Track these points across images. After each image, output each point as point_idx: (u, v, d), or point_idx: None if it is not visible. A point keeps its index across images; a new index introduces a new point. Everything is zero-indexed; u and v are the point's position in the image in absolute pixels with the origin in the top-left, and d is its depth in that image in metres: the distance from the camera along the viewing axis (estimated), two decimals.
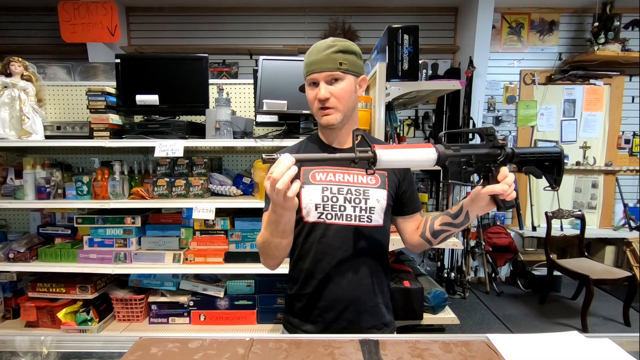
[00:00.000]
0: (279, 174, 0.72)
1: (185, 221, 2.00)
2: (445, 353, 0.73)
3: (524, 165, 0.86)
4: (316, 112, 0.97)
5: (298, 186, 0.74)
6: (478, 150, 0.83)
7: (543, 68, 3.73)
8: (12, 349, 0.78)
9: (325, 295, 0.99)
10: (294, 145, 1.12)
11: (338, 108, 0.95)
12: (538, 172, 0.86)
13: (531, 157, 0.86)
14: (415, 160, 0.77)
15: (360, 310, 1.00)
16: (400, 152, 0.76)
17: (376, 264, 1.03)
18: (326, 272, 0.98)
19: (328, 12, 3.66)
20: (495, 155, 0.83)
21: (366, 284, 1.00)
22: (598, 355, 0.70)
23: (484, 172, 0.85)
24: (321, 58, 0.92)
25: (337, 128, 0.99)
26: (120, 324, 2.03)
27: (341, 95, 0.94)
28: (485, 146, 0.84)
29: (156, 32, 3.72)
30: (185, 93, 1.93)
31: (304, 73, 0.97)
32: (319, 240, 0.99)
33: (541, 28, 3.70)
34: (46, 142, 1.88)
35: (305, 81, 0.98)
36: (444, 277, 3.42)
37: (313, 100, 0.96)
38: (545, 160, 0.85)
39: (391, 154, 0.75)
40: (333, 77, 0.93)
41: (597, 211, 3.83)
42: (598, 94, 3.74)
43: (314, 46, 0.95)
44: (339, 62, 0.92)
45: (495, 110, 3.78)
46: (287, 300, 1.10)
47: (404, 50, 1.82)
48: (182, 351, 0.73)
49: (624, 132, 3.76)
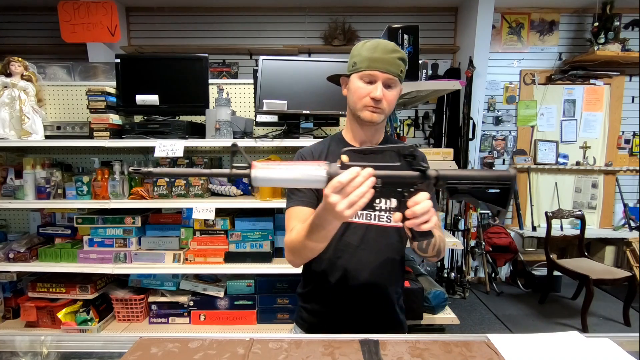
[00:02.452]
0: (359, 189, 0.67)
1: (185, 221, 2.00)
2: (445, 353, 0.73)
3: (455, 193, 0.74)
4: (362, 107, 0.95)
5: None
6: (388, 173, 0.72)
7: (543, 68, 3.73)
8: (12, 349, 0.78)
9: (341, 294, 0.99)
10: (317, 145, 1.09)
11: (385, 111, 0.95)
12: (474, 201, 0.74)
13: (465, 184, 0.73)
14: (298, 180, 0.70)
15: (375, 309, 1.01)
16: (279, 171, 0.68)
17: (393, 264, 1.03)
18: (343, 271, 0.98)
19: (328, 12, 3.66)
20: (410, 178, 0.72)
21: (382, 284, 1.00)
22: (598, 355, 0.70)
23: (394, 197, 0.74)
24: (388, 59, 0.91)
25: (373, 126, 1.00)
26: (120, 324, 2.03)
27: (392, 100, 0.95)
28: (400, 167, 0.73)
29: (156, 32, 3.72)
30: (185, 93, 1.93)
31: (359, 65, 0.94)
32: (338, 238, 0.98)
33: (541, 28, 3.70)
34: (46, 142, 1.88)
35: (358, 74, 0.95)
36: (444, 277, 3.42)
37: (364, 96, 0.94)
38: (490, 187, 0.72)
39: (268, 173, 0.67)
40: (391, 82, 0.93)
41: (597, 211, 3.83)
42: (598, 94, 3.73)
43: (378, 43, 0.94)
44: (400, 69, 0.93)
45: (495, 110, 3.78)
46: (302, 297, 1.09)
47: (404, 50, 1.82)
48: (182, 351, 0.73)
49: (624, 132, 3.76)
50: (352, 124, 1.04)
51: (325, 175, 0.69)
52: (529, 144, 3.79)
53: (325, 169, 0.69)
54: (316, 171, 0.69)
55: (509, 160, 3.81)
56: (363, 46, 0.95)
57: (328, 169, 0.70)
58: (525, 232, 3.65)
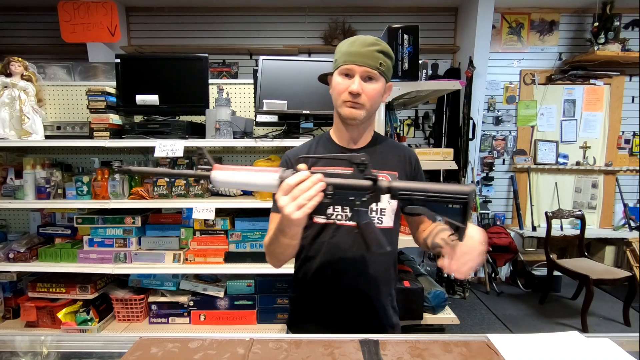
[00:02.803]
0: (307, 192, 0.70)
1: (185, 221, 2.00)
2: (445, 353, 0.73)
3: (408, 204, 0.73)
4: (341, 103, 0.94)
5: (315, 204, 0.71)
6: (338, 180, 0.73)
7: (543, 68, 3.73)
8: (12, 349, 0.78)
9: (334, 296, 0.99)
10: (303, 146, 1.08)
11: (365, 106, 0.93)
12: (431, 215, 0.73)
13: (418, 195, 0.72)
14: (253, 184, 0.74)
15: (368, 311, 1.00)
16: (237, 174, 0.73)
17: (385, 265, 1.02)
18: (335, 273, 0.98)
19: (328, 12, 3.66)
20: (361, 187, 0.73)
21: (375, 285, 1.00)
22: (598, 355, 0.70)
23: (346, 205, 0.76)
24: (364, 52, 0.89)
25: (356, 125, 0.97)
26: (120, 324, 2.03)
27: (372, 95, 0.92)
28: (353, 176, 0.74)
29: (156, 32, 3.72)
30: (185, 93, 1.93)
31: (338, 61, 0.93)
32: (328, 242, 0.98)
33: (541, 28, 3.70)
34: (46, 142, 1.88)
35: (337, 70, 0.94)
36: (444, 277, 3.42)
37: (342, 91, 0.92)
38: (449, 202, 0.70)
39: (226, 175, 0.73)
40: (369, 74, 0.91)
41: (597, 211, 3.83)
42: (598, 94, 3.73)
43: (357, 38, 0.92)
44: (379, 62, 0.90)
45: (495, 110, 3.78)
46: (293, 301, 1.08)
47: (404, 50, 1.82)
48: (182, 351, 0.73)
49: (624, 132, 3.76)
50: (337, 123, 1.02)
51: (277, 179, 0.72)
52: (529, 144, 3.79)
53: (279, 177, 0.73)
54: (270, 175, 0.73)
55: (509, 160, 3.81)
56: (345, 42, 0.94)
57: (282, 174, 0.73)
58: (525, 232, 3.65)
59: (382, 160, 1.00)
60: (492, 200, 3.84)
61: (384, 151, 1.03)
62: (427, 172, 4.03)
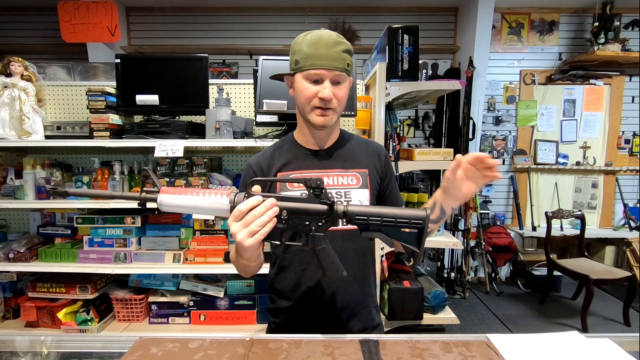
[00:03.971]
0: (260, 218, 0.68)
1: (185, 221, 2.00)
2: (445, 353, 0.73)
3: (365, 230, 0.72)
4: (310, 110, 0.89)
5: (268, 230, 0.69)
6: (293, 204, 0.71)
7: (543, 68, 3.73)
8: (12, 349, 0.78)
9: (313, 305, 0.95)
10: (267, 151, 1.01)
11: (336, 110, 0.90)
12: (387, 240, 0.72)
13: (375, 221, 0.71)
14: (203, 208, 0.71)
15: (350, 315, 0.96)
16: (186, 198, 0.70)
17: (363, 267, 0.99)
18: (312, 281, 0.94)
19: (328, 12, 3.66)
20: (317, 211, 0.71)
21: (354, 289, 0.96)
22: (598, 355, 0.70)
23: (302, 231, 0.73)
24: (332, 55, 0.84)
25: (326, 129, 0.94)
26: (120, 324, 2.03)
27: (342, 97, 0.89)
28: (308, 200, 0.72)
29: (156, 32, 3.72)
30: (185, 93, 1.93)
31: (301, 63, 0.87)
32: (301, 249, 0.93)
33: (541, 28, 3.70)
34: (46, 142, 1.88)
35: (303, 74, 0.88)
36: (444, 277, 3.42)
37: (311, 97, 0.87)
38: (402, 227, 0.70)
39: (174, 199, 0.70)
40: (339, 78, 0.87)
41: (597, 211, 3.82)
42: (598, 94, 3.73)
43: (319, 37, 0.86)
44: (346, 63, 0.87)
45: (495, 110, 3.78)
46: (272, 312, 1.03)
47: (404, 50, 1.82)
48: (182, 351, 0.73)
49: (624, 132, 3.76)
50: (303, 128, 0.97)
51: (228, 204, 0.70)
52: (529, 144, 3.78)
53: (229, 198, 0.70)
54: (220, 200, 0.70)
55: (509, 160, 3.81)
56: (303, 40, 0.88)
57: (232, 197, 0.70)
58: (525, 232, 3.65)
59: (350, 159, 0.98)
60: (492, 200, 3.84)
61: (352, 149, 1.00)
62: (427, 172, 4.00)
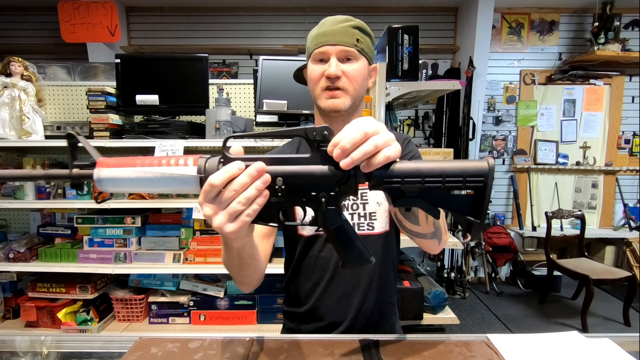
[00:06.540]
0: (243, 193, 0.46)
1: (185, 221, 2.00)
2: (445, 353, 0.73)
3: (399, 197, 0.48)
4: (320, 93, 0.79)
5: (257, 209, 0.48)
6: (291, 168, 0.48)
7: (543, 68, 3.73)
8: (12, 349, 0.78)
9: (330, 313, 0.88)
10: (285, 146, 0.95)
11: (348, 91, 0.78)
12: (432, 211, 0.48)
13: (415, 182, 0.46)
14: (159, 182, 0.49)
15: (369, 325, 0.89)
16: (133, 170, 0.48)
17: (384, 273, 0.90)
18: (329, 290, 0.87)
19: (328, 12, 3.58)
20: (326, 176, 0.48)
21: (374, 297, 0.88)
22: (598, 355, 0.70)
23: (307, 205, 0.51)
24: (337, 30, 0.78)
25: (340, 117, 0.81)
26: (120, 324, 2.03)
27: (355, 76, 0.78)
28: (312, 160, 0.49)
29: (156, 32, 3.72)
30: (185, 93, 1.93)
31: (310, 48, 0.81)
32: (317, 256, 0.86)
33: (541, 28, 3.70)
34: (46, 142, 1.88)
35: (311, 57, 0.80)
36: (444, 277, 3.42)
37: (318, 79, 0.78)
38: (454, 188, 0.46)
39: (116, 173, 0.48)
40: (347, 54, 0.78)
41: (597, 211, 3.82)
42: (598, 94, 3.73)
43: (326, 18, 0.81)
44: (356, 39, 0.79)
45: (495, 110, 3.78)
46: (287, 315, 0.96)
47: (404, 50, 1.82)
48: (182, 351, 0.73)
49: (624, 132, 3.76)
50: (318, 119, 0.89)
51: (195, 175, 0.48)
52: (529, 144, 3.78)
53: (198, 165, 0.48)
54: (183, 169, 0.48)
55: (509, 160, 3.81)
56: (314, 28, 0.84)
57: (202, 164, 0.49)
58: (525, 232, 3.65)
59: None
60: (492, 200, 3.84)
61: None
62: None
